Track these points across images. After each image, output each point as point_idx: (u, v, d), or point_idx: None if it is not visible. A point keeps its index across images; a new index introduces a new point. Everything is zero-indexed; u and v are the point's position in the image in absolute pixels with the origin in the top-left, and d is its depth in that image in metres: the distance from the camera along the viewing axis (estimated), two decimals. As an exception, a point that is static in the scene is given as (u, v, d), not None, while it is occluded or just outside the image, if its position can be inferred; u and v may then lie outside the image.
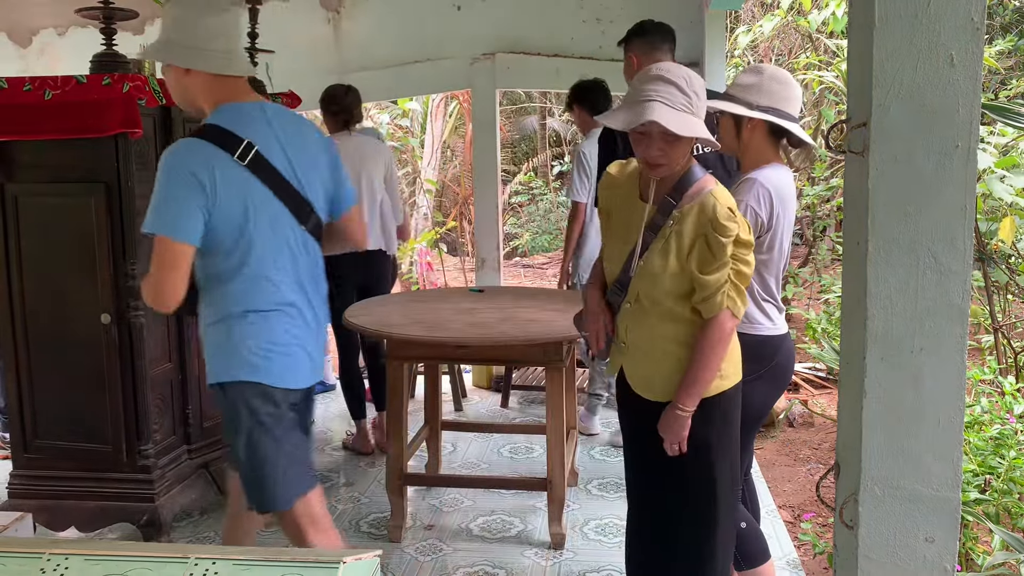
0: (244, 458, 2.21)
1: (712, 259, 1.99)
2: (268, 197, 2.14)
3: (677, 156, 1.99)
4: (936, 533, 1.48)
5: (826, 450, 4.37)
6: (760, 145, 2.29)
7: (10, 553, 1.58)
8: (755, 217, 2.21)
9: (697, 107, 1.96)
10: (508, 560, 3.11)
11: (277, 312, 2.20)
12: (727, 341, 2.05)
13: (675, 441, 2.09)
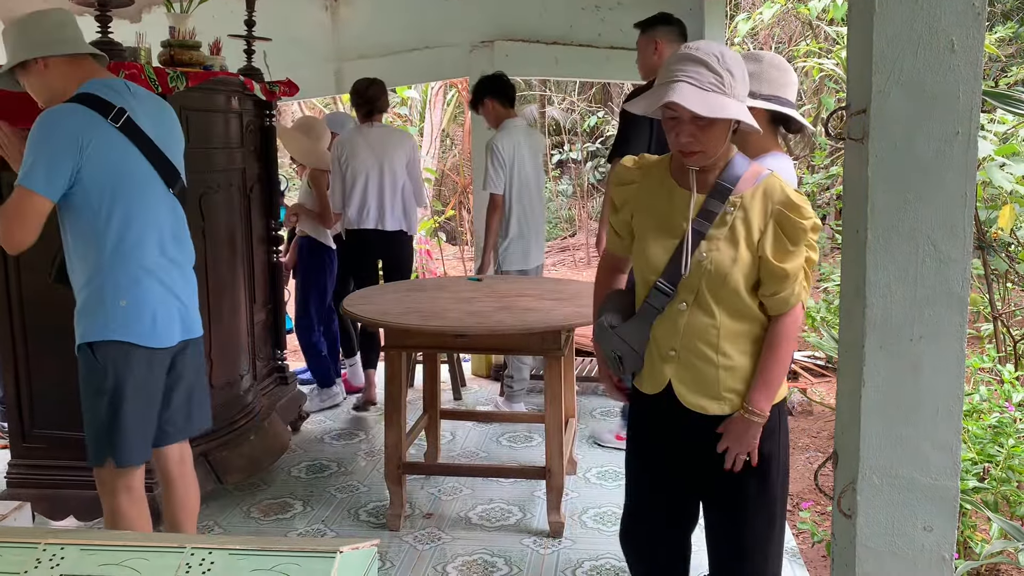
0: (104, 416, 2.37)
1: (789, 246, 1.85)
2: (138, 158, 2.35)
3: (712, 141, 1.82)
4: (935, 522, 1.48)
5: (824, 438, 4.37)
6: (760, 136, 2.26)
7: (6, 543, 1.57)
8: None
9: (731, 86, 1.78)
10: (507, 548, 3.11)
11: (145, 272, 2.36)
12: (797, 336, 1.96)
13: (745, 451, 1.91)
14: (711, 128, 1.81)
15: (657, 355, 1.97)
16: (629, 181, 2.02)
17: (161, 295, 2.40)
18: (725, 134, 1.85)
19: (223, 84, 3.48)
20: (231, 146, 3.59)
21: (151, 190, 2.39)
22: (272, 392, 4.02)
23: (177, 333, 2.45)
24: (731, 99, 1.78)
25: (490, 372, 5.36)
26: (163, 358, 2.43)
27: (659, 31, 3.69)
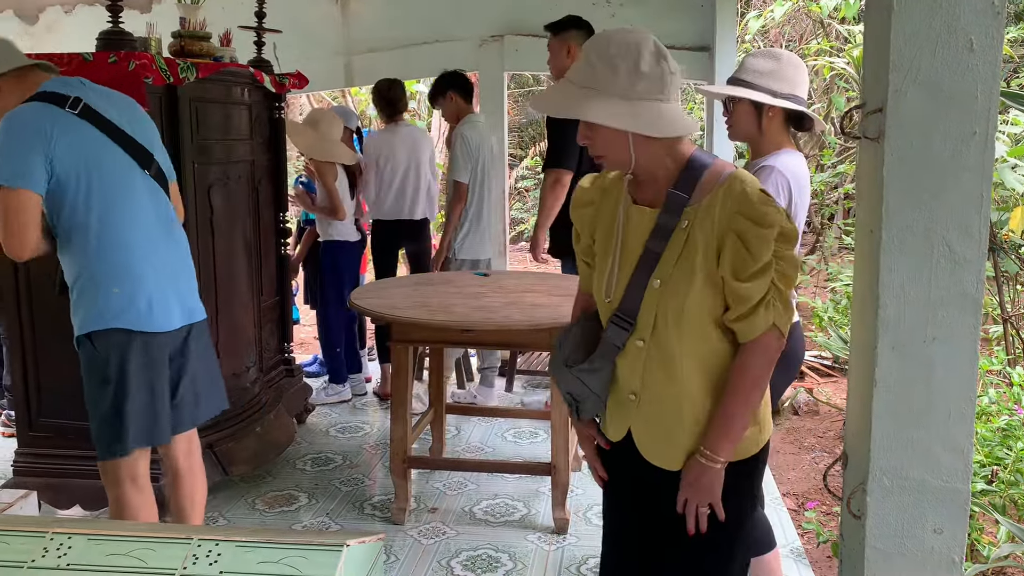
0: (109, 405, 2.37)
1: (751, 260, 1.52)
2: (106, 142, 2.32)
3: (604, 145, 1.59)
4: (945, 524, 1.47)
5: (831, 439, 4.36)
6: (777, 132, 2.27)
7: (14, 532, 1.58)
8: None
9: (608, 81, 1.54)
10: (511, 544, 3.11)
11: (134, 257, 2.35)
12: (771, 370, 1.60)
13: (704, 502, 1.61)
14: (596, 131, 1.58)
15: (617, 398, 1.72)
16: (587, 203, 1.77)
17: (154, 279, 2.37)
18: (619, 138, 1.57)
19: (233, 76, 3.47)
20: (240, 138, 3.58)
21: (126, 173, 2.36)
22: (278, 384, 4.02)
23: (177, 318, 2.43)
24: (603, 97, 1.54)
25: (496, 368, 5.35)
26: (163, 343, 2.41)
27: (571, 35, 3.89)
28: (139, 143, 2.40)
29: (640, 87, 1.55)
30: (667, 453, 1.67)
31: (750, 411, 1.61)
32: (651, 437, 1.68)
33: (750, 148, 2.36)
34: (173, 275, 2.43)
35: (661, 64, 1.56)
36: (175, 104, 3.13)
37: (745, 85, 2.27)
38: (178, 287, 2.44)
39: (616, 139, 1.58)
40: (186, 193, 3.18)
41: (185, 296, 2.47)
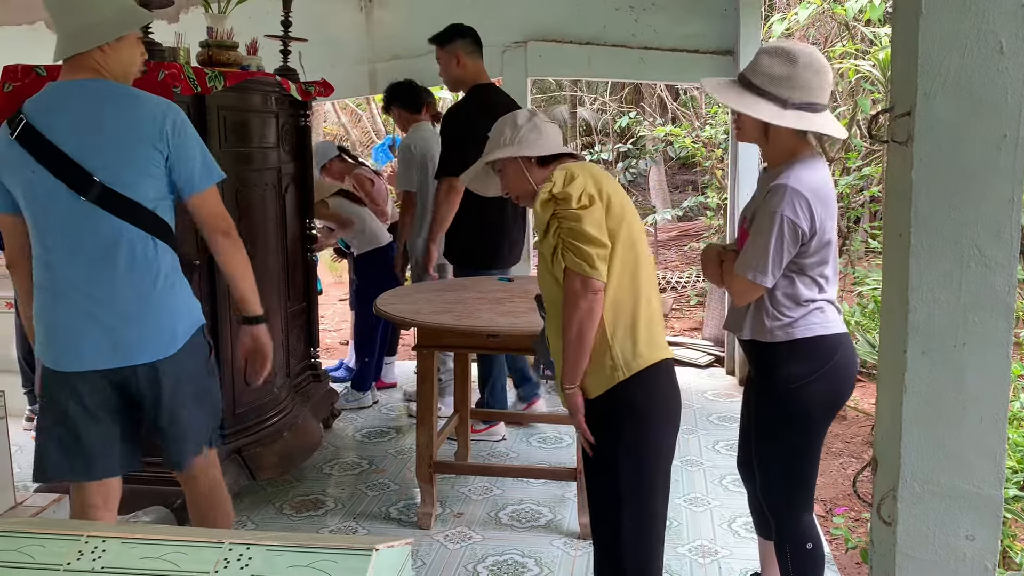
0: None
1: (539, 228, 2.07)
2: (37, 168, 2.16)
3: (511, 182, 2.24)
4: (977, 531, 1.45)
5: (859, 444, 4.32)
6: (787, 139, 2.17)
7: (49, 535, 1.60)
8: (793, 228, 2.10)
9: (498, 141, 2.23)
10: (537, 549, 3.11)
11: (55, 292, 2.22)
12: (580, 305, 2.00)
13: (576, 423, 2.11)
14: (504, 175, 2.27)
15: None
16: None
17: (74, 316, 2.20)
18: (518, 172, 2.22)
19: (260, 84, 3.51)
20: (267, 146, 3.62)
21: (53, 202, 2.17)
22: (305, 389, 4.05)
23: (101, 358, 2.21)
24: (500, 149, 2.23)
25: (520, 373, 5.35)
26: (80, 384, 2.23)
27: (458, 44, 4.04)
28: (79, 166, 2.15)
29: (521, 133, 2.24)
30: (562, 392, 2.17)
31: (574, 341, 2.02)
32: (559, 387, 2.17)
33: (762, 152, 2.29)
34: (102, 313, 2.20)
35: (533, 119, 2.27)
36: (203, 113, 3.17)
37: (753, 90, 2.15)
38: (106, 325, 2.20)
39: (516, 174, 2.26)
40: (214, 201, 3.23)
41: (118, 335, 2.21)
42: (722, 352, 5.64)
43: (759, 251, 2.13)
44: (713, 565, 3.01)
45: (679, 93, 10.25)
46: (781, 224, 2.09)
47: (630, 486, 2.10)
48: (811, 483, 2.35)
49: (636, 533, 2.10)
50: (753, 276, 2.15)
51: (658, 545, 2.17)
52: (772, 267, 2.13)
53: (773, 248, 2.11)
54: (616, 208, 2.07)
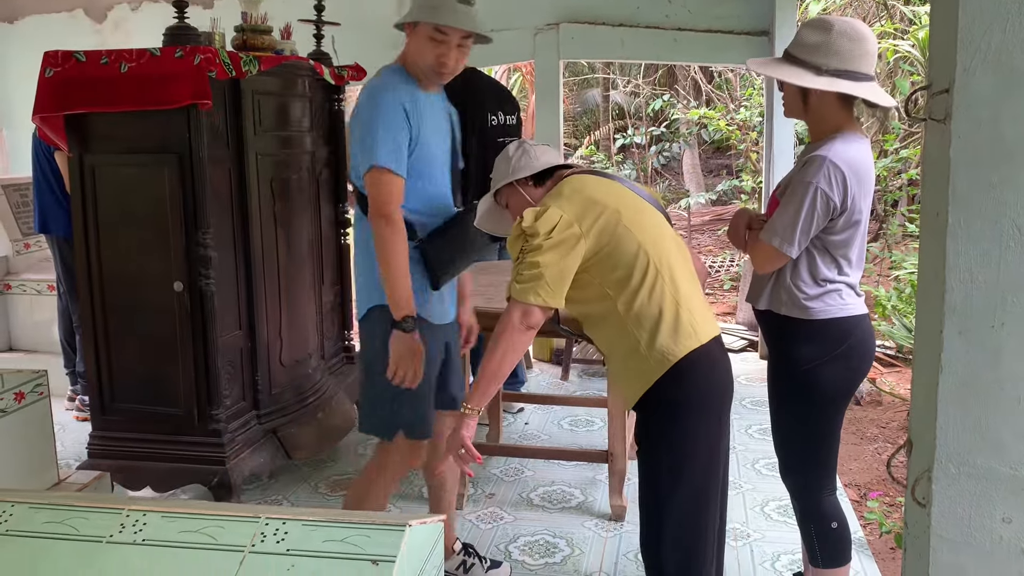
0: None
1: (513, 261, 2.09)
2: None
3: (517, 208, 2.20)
4: (1014, 513, 1.43)
5: (894, 429, 4.27)
6: (831, 111, 2.14)
7: (92, 508, 1.65)
8: (826, 201, 2.09)
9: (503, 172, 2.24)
10: (569, 530, 3.13)
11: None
12: (512, 334, 2.01)
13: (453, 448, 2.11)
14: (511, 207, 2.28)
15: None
16: None
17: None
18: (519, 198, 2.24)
19: (294, 68, 3.54)
20: (301, 130, 3.65)
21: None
22: (339, 371, 4.10)
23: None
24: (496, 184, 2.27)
25: (551, 356, 5.37)
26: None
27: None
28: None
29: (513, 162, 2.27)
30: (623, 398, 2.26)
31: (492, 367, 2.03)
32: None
33: (808, 128, 2.27)
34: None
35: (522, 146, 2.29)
36: (238, 97, 3.21)
37: (791, 60, 2.15)
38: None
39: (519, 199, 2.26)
40: (250, 185, 3.27)
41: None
42: (756, 336, 5.60)
43: (787, 220, 2.12)
44: (745, 548, 3.01)
45: (713, 75, 10.15)
46: (814, 195, 2.08)
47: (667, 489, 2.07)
48: (831, 464, 2.34)
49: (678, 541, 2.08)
50: (779, 244, 2.14)
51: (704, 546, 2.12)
52: (799, 237, 2.12)
53: (803, 218, 2.10)
54: (611, 220, 2.04)
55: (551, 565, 2.91)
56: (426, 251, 2.41)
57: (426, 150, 2.37)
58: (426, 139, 2.36)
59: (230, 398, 3.23)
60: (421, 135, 2.34)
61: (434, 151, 2.41)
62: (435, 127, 2.42)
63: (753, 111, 7.77)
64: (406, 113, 2.30)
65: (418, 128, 2.33)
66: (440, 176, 2.45)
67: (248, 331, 3.36)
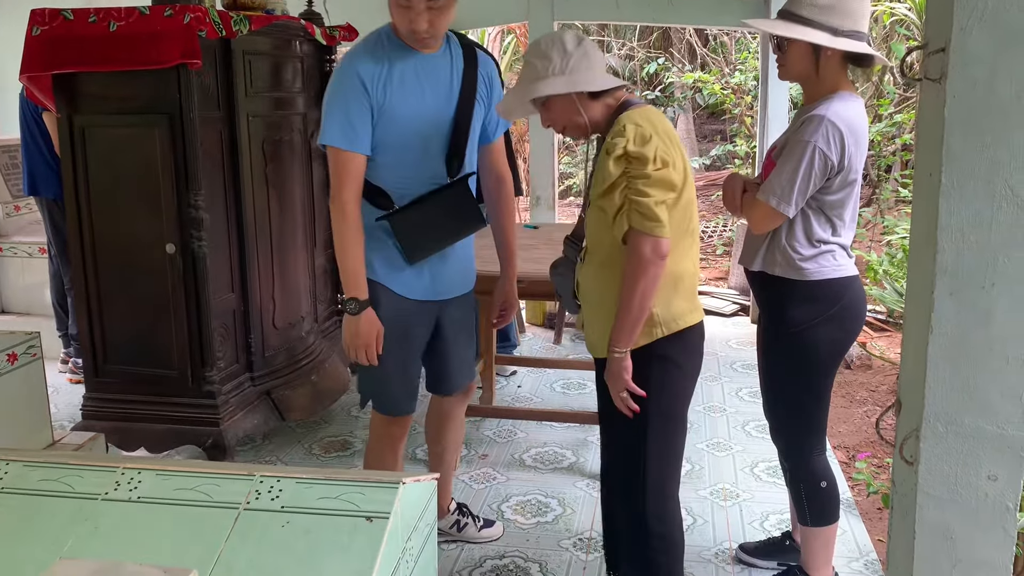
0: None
1: (601, 180, 1.95)
2: None
3: (560, 115, 2.04)
4: (1000, 471, 1.45)
5: (884, 392, 4.31)
6: (833, 72, 2.16)
7: (87, 466, 1.66)
8: (824, 160, 2.10)
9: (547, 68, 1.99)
10: (560, 490, 3.16)
11: None
12: (647, 268, 1.91)
13: (618, 390, 2.01)
14: (551, 108, 2.05)
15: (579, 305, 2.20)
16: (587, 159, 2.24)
17: None
18: (570, 104, 2.02)
19: (285, 28, 3.50)
20: (293, 91, 3.62)
21: None
22: (333, 334, 4.10)
23: None
24: (547, 79, 2.00)
25: (544, 320, 5.39)
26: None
27: None
28: None
29: (572, 63, 1.98)
30: (593, 343, 2.14)
31: (635, 305, 1.94)
32: (588, 333, 2.15)
33: (803, 89, 2.26)
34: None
35: (582, 43, 2.01)
36: (229, 57, 3.17)
37: (801, 21, 2.13)
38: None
39: (567, 106, 2.02)
40: (241, 147, 3.25)
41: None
42: (747, 301, 5.62)
43: (785, 178, 2.13)
44: (734, 508, 3.05)
45: (708, 39, 10.06)
46: (812, 154, 2.09)
47: (657, 434, 2.09)
48: (822, 424, 2.37)
49: (659, 479, 2.12)
50: (776, 203, 2.15)
51: (676, 488, 2.19)
52: (797, 196, 2.13)
53: (801, 177, 2.11)
54: (681, 168, 1.98)
55: (543, 524, 2.94)
56: (393, 224, 2.29)
57: (399, 118, 2.23)
58: (398, 106, 2.22)
59: (223, 360, 3.23)
60: (390, 103, 2.21)
61: (414, 117, 2.26)
62: (422, 90, 2.26)
63: (748, 75, 7.72)
64: (364, 84, 2.19)
65: (384, 97, 2.20)
66: (422, 143, 2.29)
67: (241, 293, 3.35)
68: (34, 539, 1.52)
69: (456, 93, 2.33)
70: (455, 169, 2.35)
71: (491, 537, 2.83)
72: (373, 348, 2.30)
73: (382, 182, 2.29)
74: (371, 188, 2.31)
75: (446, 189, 2.33)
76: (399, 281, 2.35)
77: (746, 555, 2.71)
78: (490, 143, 2.48)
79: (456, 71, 2.33)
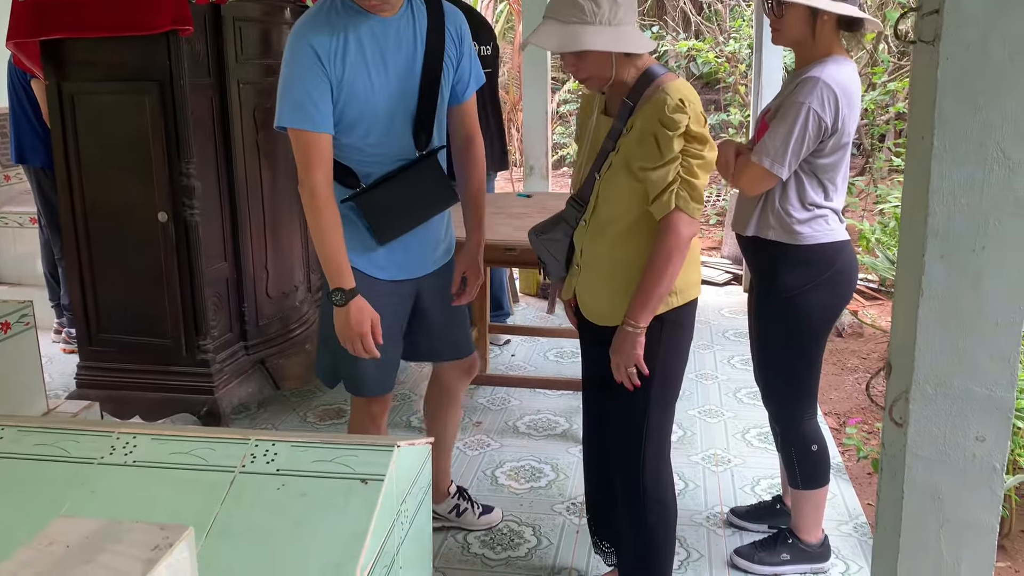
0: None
1: (659, 155, 1.87)
2: None
3: (592, 67, 1.93)
4: (987, 432, 1.47)
5: (875, 360, 4.34)
6: (828, 35, 2.16)
7: (83, 431, 1.67)
8: (818, 121, 2.10)
9: (595, 13, 1.84)
10: (554, 456, 3.19)
11: None
12: (683, 249, 1.92)
13: (626, 364, 1.98)
14: (585, 57, 1.92)
15: (573, 267, 2.15)
16: (586, 103, 2.19)
17: None
18: (605, 59, 1.91)
19: (275, -6, 3.46)
20: (283, 57, 3.58)
21: None
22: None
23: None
24: (592, 27, 1.85)
25: (537, 290, 5.39)
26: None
27: None
28: None
29: (620, 14, 1.87)
30: (598, 311, 2.08)
31: (665, 284, 1.93)
32: (587, 299, 2.11)
33: (796, 54, 2.26)
34: None
35: None
36: (219, 23, 3.14)
37: None
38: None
39: (602, 61, 1.92)
40: (232, 114, 3.22)
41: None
42: (739, 270, 5.63)
43: (779, 140, 2.13)
44: (726, 473, 3.08)
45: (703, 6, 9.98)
46: (807, 115, 2.09)
47: (658, 400, 2.08)
48: (813, 389, 2.39)
49: (658, 444, 2.12)
50: (770, 164, 2.15)
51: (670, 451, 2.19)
52: (790, 157, 2.13)
53: (795, 139, 2.11)
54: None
55: (536, 489, 2.97)
56: (359, 204, 2.16)
57: (359, 93, 2.06)
58: (358, 80, 2.05)
59: (217, 329, 3.23)
60: (348, 77, 2.04)
61: (375, 91, 2.08)
62: (383, 60, 2.08)
63: (742, 43, 7.67)
64: (319, 58, 2.01)
65: (342, 70, 2.03)
66: (387, 118, 2.12)
67: (234, 262, 3.35)
68: (30, 502, 1.53)
69: (420, 58, 2.14)
70: (423, 143, 2.19)
71: (490, 524, 2.75)
72: (369, 338, 2.15)
73: (346, 160, 2.15)
74: (337, 167, 2.15)
75: (414, 165, 2.18)
76: (370, 262, 2.23)
77: (737, 519, 2.74)
78: (460, 104, 2.30)
79: (420, 33, 2.14)
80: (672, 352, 2.07)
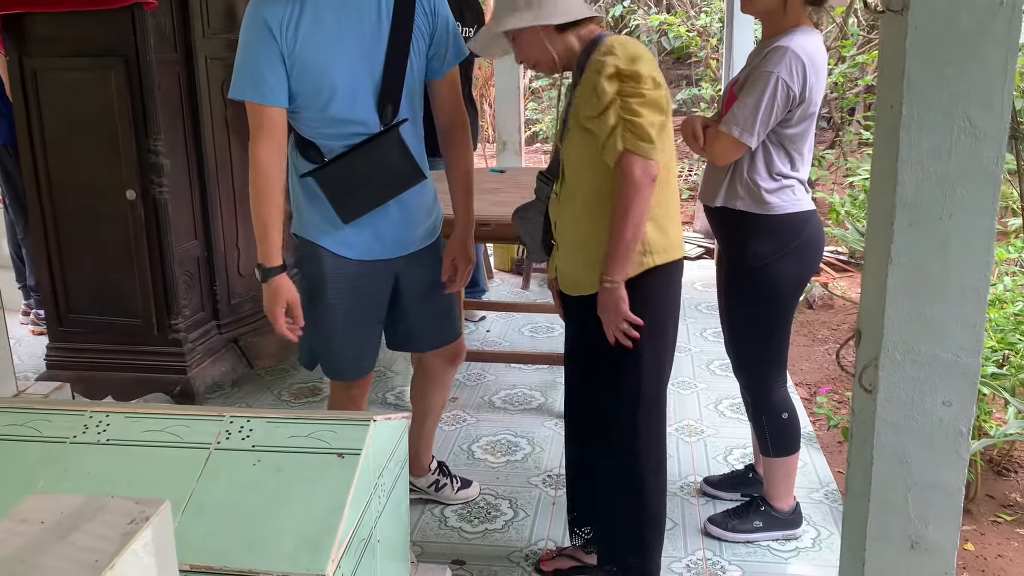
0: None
1: (596, 100, 1.86)
2: None
3: (528, 50, 1.99)
4: (954, 397, 1.50)
5: (845, 331, 4.40)
6: (798, 7, 2.17)
7: (55, 411, 1.65)
8: (787, 91, 2.12)
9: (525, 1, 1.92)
10: (529, 430, 3.21)
11: None
12: (643, 192, 1.86)
13: (616, 321, 1.95)
14: (519, 43, 2.00)
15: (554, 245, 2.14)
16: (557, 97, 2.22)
17: None
18: (537, 39, 1.96)
19: (242, -33, 3.40)
20: (251, 32, 3.53)
21: None
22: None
23: None
24: (517, 12, 1.93)
25: (512, 266, 5.39)
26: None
27: None
28: None
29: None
30: (573, 282, 2.08)
31: (629, 230, 1.89)
32: (563, 271, 2.10)
33: (764, 25, 2.26)
34: None
35: None
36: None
37: None
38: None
39: (534, 41, 1.96)
40: (200, 90, 3.18)
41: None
42: (712, 244, 5.67)
43: (748, 109, 2.14)
44: (699, 443, 3.12)
45: (674, -20, 9.95)
46: (776, 85, 2.10)
47: (651, 362, 2.04)
48: (783, 357, 2.42)
49: (650, 408, 2.08)
50: (739, 134, 2.16)
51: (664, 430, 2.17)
52: (759, 127, 2.15)
53: (764, 108, 2.13)
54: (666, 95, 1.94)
55: (512, 462, 2.99)
56: (317, 179, 2.09)
57: (316, 65, 1.99)
58: (313, 52, 1.98)
59: (189, 308, 3.21)
60: (303, 49, 1.98)
61: (333, 63, 2.00)
62: (341, 31, 2.00)
63: (713, 17, 7.67)
64: (271, 30, 1.96)
65: (294, 42, 1.97)
66: (347, 91, 2.03)
67: (204, 240, 3.32)
68: (2, 481, 1.51)
69: (387, 29, 2.04)
70: (388, 116, 2.08)
71: (468, 498, 2.75)
72: (280, 321, 2.10)
73: (308, 134, 2.10)
74: (301, 140, 2.11)
75: (375, 139, 2.08)
76: (338, 240, 2.16)
77: (711, 488, 2.78)
78: (440, 78, 2.18)
79: (386, 3, 2.04)
80: (658, 312, 2.02)
